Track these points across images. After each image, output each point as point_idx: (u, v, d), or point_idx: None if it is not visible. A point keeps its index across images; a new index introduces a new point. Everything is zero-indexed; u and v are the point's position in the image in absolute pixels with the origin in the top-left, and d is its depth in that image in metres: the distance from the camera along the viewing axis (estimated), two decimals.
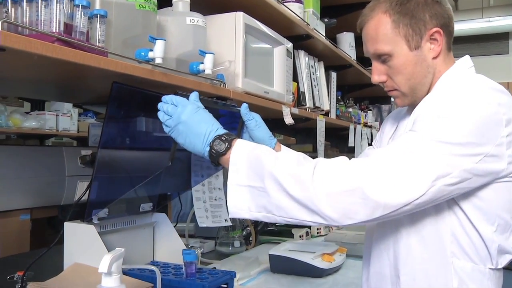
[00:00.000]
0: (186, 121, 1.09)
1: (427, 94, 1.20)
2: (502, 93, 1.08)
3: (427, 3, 1.15)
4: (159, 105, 1.13)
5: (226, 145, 1.05)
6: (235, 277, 1.37)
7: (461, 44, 7.56)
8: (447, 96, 1.07)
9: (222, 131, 1.09)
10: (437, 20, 1.15)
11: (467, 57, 1.23)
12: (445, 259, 1.10)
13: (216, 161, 1.07)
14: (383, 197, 0.97)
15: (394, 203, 0.98)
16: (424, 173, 0.99)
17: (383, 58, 1.18)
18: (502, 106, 1.05)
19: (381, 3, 1.18)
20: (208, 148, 1.07)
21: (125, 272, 1.22)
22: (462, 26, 7.28)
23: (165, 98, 1.14)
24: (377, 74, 1.21)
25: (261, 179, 1.01)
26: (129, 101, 1.33)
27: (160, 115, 1.12)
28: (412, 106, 1.24)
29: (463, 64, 1.21)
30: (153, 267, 1.22)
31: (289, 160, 1.02)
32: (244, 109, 1.28)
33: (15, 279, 1.24)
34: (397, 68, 1.17)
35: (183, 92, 1.17)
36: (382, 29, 1.16)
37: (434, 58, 1.18)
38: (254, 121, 1.28)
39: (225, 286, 1.34)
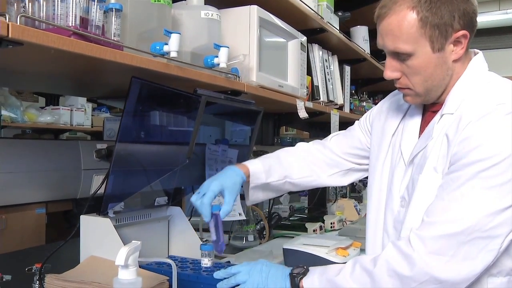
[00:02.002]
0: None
1: (441, 95, 1.15)
2: None
3: (457, 0, 1.06)
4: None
5: (302, 271, 1.15)
6: None
7: (477, 38, 7.34)
8: (482, 132, 1.01)
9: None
10: (464, 20, 1.07)
11: (481, 56, 1.18)
12: (480, 280, 1.05)
13: None
14: (459, 275, 0.99)
15: (472, 275, 0.99)
16: (493, 241, 0.98)
17: (402, 57, 1.10)
18: None
19: None
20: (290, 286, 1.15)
21: (141, 266, 1.23)
22: (478, 19, 7.05)
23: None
24: (391, 71, 1.14)
25: None
26: (147, 96, 1.33)
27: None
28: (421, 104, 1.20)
29: (480, 65, 1.16)
30: (168, 260, 1.23)
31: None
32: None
33: (33, 271, 1.25)
34: (416, 69, 1.10)
35: (202, 90, 1.18)
36: (407, 27, 1.06)
37: (455, 61, 1.11)
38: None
39: None
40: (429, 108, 1.21)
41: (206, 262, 1.33)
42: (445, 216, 1.01)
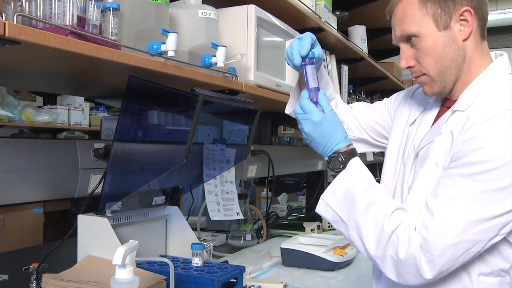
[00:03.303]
0: (311, 131, 1.17)
1: (456, 81, 1.14)
2: None
3: None
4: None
5: (341, 167, 1.15)
6: (244, 271, 1.37)
7: None
8: (485, 135, 1.01)
9: (343, 144, 1.16)
10: (467, 1, 1.10)
11: (505, 58, 1.17)
12: (471, 278, 1.07)
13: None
14: (439, 274, 1.01)
15: (447, 273, 1.02)
16: (477, 245, 1.00)
17: (411, 40, 1.13)
18: None
19: None
20: (327, 159, 1.18)
21: (138, 265, 1.23)
22: None
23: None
24: (405, 59, 1.16)
25: (347, 216, 1.12)
26: (144, 95, 1.33)
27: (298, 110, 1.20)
28: (440, 95, 1.20)
29: (502, 67, 1.15)
30: (165, 260, 1.23)
31: (379, 215, 1.07)
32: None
33: (30, 270, 1.25)
34: (425, 50, 1.12)
35: (199, 89, 1.18)
36: (409, 9, 1.12)
37: (465, 40, 1.12)
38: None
39: (235, 280, 1.34)
40: (445, 104, 1.22)
41: (197, 261, 1.34)
42: (438, 216, 1.02)
